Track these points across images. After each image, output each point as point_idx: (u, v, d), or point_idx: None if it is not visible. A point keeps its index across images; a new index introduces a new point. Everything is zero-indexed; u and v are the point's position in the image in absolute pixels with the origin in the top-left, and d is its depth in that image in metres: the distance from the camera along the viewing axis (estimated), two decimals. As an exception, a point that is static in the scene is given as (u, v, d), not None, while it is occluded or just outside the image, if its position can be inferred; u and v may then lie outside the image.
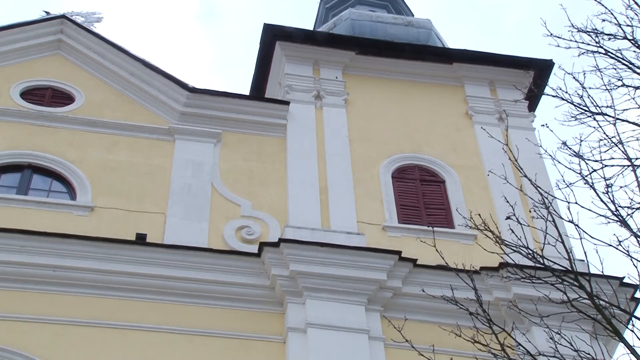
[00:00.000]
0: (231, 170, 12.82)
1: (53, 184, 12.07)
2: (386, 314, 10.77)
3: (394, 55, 15.34)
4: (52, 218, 11.32)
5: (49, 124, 12.76)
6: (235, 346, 10.40)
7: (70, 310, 10.31)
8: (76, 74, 13.85)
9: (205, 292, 10.83)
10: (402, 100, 14.88)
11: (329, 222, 12.15)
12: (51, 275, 10.49)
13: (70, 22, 14.33)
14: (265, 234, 11.81)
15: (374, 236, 12.05)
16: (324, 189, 12.69)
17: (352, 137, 13.79)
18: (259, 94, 15.80)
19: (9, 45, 13.75)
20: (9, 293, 10.31)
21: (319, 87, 14.51)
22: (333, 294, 10.88)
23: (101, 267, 10.65)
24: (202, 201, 12.12)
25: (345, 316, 10.66)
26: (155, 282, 10.73)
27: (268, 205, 12.36)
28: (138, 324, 10.36)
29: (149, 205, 11.91)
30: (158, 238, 11.39)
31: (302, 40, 15.13)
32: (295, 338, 10.44)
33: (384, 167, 13.39)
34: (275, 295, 11.01)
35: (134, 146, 12.80)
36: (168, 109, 13.42)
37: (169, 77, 13.69)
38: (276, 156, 13.21)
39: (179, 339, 10.32)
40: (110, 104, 13.47)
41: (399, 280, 11.20)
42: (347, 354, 10.27)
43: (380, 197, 12.83)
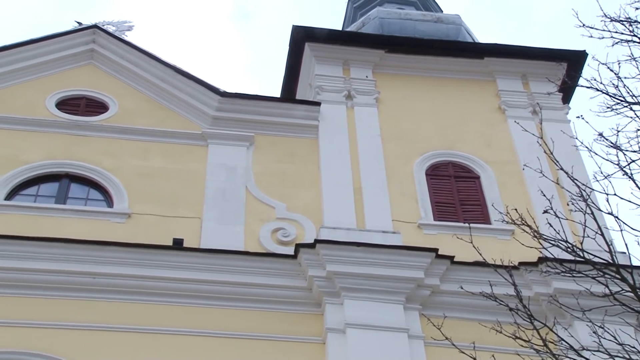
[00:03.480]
0: (264, 172, 12.86)
1: (90, 192, 12.21)
2: (425, 312, 10.73)
3: (423, 52, 15.26)
4: (90, 226, 11.45)
5: (85, 133, 12.93)
6: (274, 348, 10.42)
7: (111, 316, 10.42)
8: (109, 83, 14.02)
9: (243, 295, 10.87)
10: (433, 97, 14.80)
11: (364, 222, 12.13)
12: (91, 282, 10.61)
13: (102, 31, 14.51)
14: (301, 236, 11.82)
15: (410, 234, 12.00)
16: (358, 188, 12.67)
17: (385, 136, 13.74)
18: (290, 96, 15.84)
19: (43, 57, 13.95)
20: (51, 301, 10.44)
21: (350, 87, 14.49)
22: (371, 293, 10.85)
23: (140, 273, 10.75)
24: (236, 205, 12.17)
25: (383, 315, 10.63)
26: (193, 287, 10.79)
27: (302, 206, 12.38)
28: (177, 328, 10.42)
29: (184, 210, 11.98)
30: (195, 243, 11.46)
31: (331, 40, 15.14)
32: (334, 339, 10.43)
33: (418, 165, 13.33)
34: (312, 296, 11.02)
35: (168, 152, 12.91)
36: (200, 114, 13.51)
37: (201, 83, 13.78)
38: (309, 157, 13.22)
39: (218, 342, 10.36)
40: (143, 111, 13.60)
41: (436, 278, 11.15)
42: (387, 353, 10.23)
43: (415, 195, 12.77)
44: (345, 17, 21.12)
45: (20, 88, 13.52)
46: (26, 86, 13.58)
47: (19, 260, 10.56)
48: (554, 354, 7.32)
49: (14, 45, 13.81)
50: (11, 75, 13.57)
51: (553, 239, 7.60)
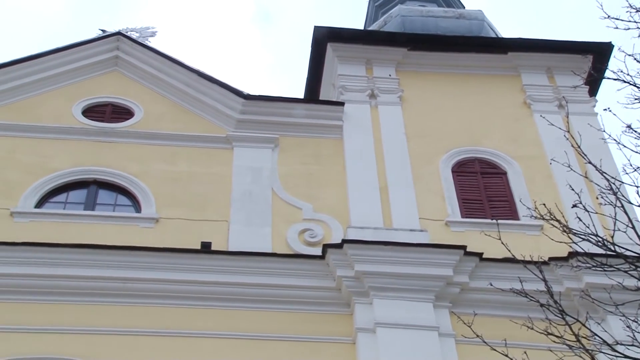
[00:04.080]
0: (290, 174, 12.87)
1: (118, 198, 12.31)
2: (455, 309, 10.66)
3: (447, 49, 15.19)
4: (119, 231, 11.54)
5: (111, 139, 13.04)
6: (304, 349, 10.43)
7: (141, 320, 10.49)
8: (134, 89, 14.12)
9: (272, 297, 10.89)
10: (457, 94, 14.72)
11: (391, 221, 12.10)
12: (121, 287, 10.69)
13: (126, 38, 14.62)
14: (328, 236, 11.82)
15: (438, 232, 11.94)
16: (384, 187, 12.64)
17: (409, 134, 13.70)
18: (313, 97, 15.85)
19: (68, 65, 14.09)
20: (82, 307, 10.53)
21: (373, 86, 14.46)
22: (400, 292, 10.82)
23: (169, 277, 10.81)
24: (263, 206, 12.20)
25: (413, 314, 10.60)
26: (222, 290, 10.83)
27: (329, 207, 12.37)
28: (208, 331, 10.46)
29: (211, 213, 12.03)
30: (222, 245, 11.50)
31: (353, 40, 15.12)
32: (364, 338, 10.41)
33: (444, 162, 13.27)
34: (341, 296, 11.00)
35: (193, 156, 12.97)
36: (225, 118, 13.56)
37: (224, 86, 13.84)
38: (334, 158, 13.21)
39: (248, 344, 10.38)
40: (168, 116, 13.68)
41: (465, 275, 11.08)
42: (418, 352, 10.19)
43: (442, 192, 12.71)
44: (367, 16, 21.09)
45: (47, 97, 13.66)
46: (52, 95, 13.72)
47: (50, 267, 10.66)
48: (587, 350, 7.25)
49: (40, 55, 13.96)
50: (38, 85, 13.72)
51: (583, 233, 7.53)
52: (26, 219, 11.54)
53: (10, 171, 12.19)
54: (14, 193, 11.83)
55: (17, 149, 12.59)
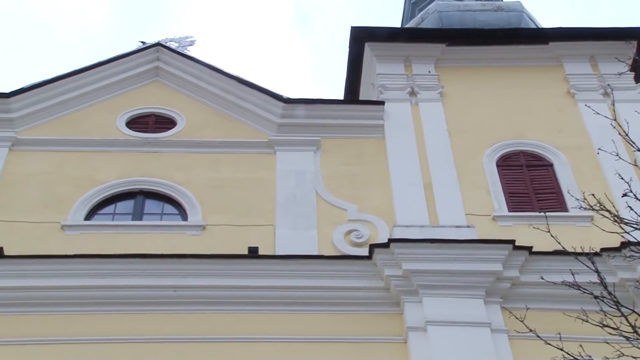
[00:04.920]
0: (333, 175, 12.87)
1: (165, 207, 12.43)
2: (506, 305, 10.54)
3: (486, 43, 15.05)
4: (167, 240, 11.66)
5: (155, 149, 13.19)
6: (356, 350, 10.40)
7: (193, 327, 10.56)
8: (175, 98, 14.26)
9: (321, 299, 10.89)
10: (499, 87, 14.58)
11: (437, 218, 12.02)
12: (172, 295, 10.80)
13: (165, 48, 14.79)
14: (375, 236, 11.78)
15: (485, 227, 11.83)
16: (428, 184, 12.57)
17: (452, 130, 13.60)
18: (353, 97, 15.84)
19: (111, 78, 14.29)
20: (134, 316, 10.65)
21: (413, 84, 14.40)
22: (449, 289, 10.74)
23: (219, 283, 10.88)
24: (308, 209, 12.22)
25: (464, 311, 10.50)
26: (271, 294, 10.87)
27: (374, 206, 12.34)
28: (259, 335, 10.50)
29: (257, 218, 12.09)
30: (269, 250, 11.54)
31: (390, 38, 15.08)
32: (416, 337, 10.35)
33: (488, 157, 13.15)
34: (391, 296, 10.96)
35: (237, 162, 13.05)
36: (266, 122, 13.62)
37: (264, 91, 13.90)
38: (376, 157, 13.18)
39: (299, 347, 10.41)
40: (210, 123, 13.79)
41: (515, 269, 10.95)
42: (471, 349, 10.10)
43: (487, 187, 12.59)
44: (404, 14, 21.01)
45: (92, 110, 13.87)
46: (97, 108, 13.92)
47: (101, 278, 10.81)
48: (645, 341, 7.11)
49: (83, 70, 14.18)
50: (82, 99, 13.94)
51: (635, 222, 7.39)
52: (76, 231, 11.74)
53: (59, 185, 12.40)
54: (63, 206, 12.04)
55: (66, 163, 12.81)
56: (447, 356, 10.05)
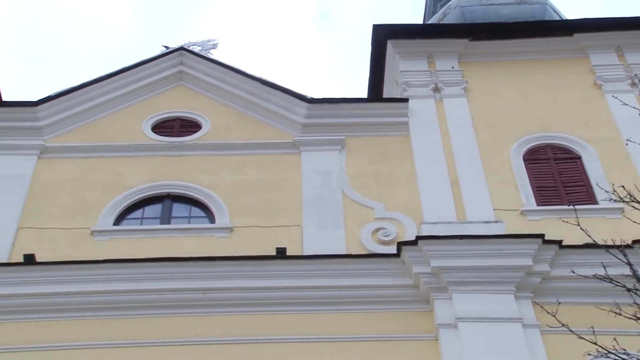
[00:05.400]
0: (359, 174, 12.85)
1: (192, 210, 12.49)
2: (537, 299, 10.45)
3: (509, 36, 14.95)
4: (195, 243, 11.72)
5: (181, 153, 13.26)
6: (387, 348, 10.37)
7: (223, 329, 10.60)
8: (200, 102, 14.32)
9: (350, 298, 10.88)
10: (524, 81, 14.47)
11: (464, 214, 11.96)
12: (202, 298, 10.84)
13: (189, 52, 14.85)
14: (402, 234, 11.75)
15: (513, 222, 11.74)
16: (455, 181, 12.51)
17: (477, 125, 13.53)
18: (377, 95, 15.80)
19: (136, 84, 14.38)
20: (165, 319, 10.70)
21: (436, 80, 14.34)
22: (479, 285, 10.67)
23: (248, 284, 10.91)
24: (335, 209, 12.22)
25: (495, 306, 10.43)
26: (300, 294, 10.88)
27: (401, 204, 12.30)
28: (289, 336, 10.52)
29: (284, 219, 12.11)
30: (297, 250, 11.55)
31: (413, 35, 15.03)
32: (447, 334, 10.30)
33: (514, 151, 13.06)
34: (420, 293, 10.92)
35: (262, 163, 13.08)
36: (290, 123, 13.64)
37: (287, 92, 13.92)
38: (402, 155, 13.14)
39: (330, 347, 10.41)
40: (235, 125, 13.83)
41: (546, 264, 10.86)
42: (503, 344, 10.01)
43: (515, 181, 12.50)
44: (425, 10, 20.90)
45: (117, 116, 13.97)
46: (122, 113, 14.02)
47: (131, 283, 10.88)
48: (680, 333, 7.00)
49: (108, 76, 14.27)
50: (108, 105, 14.05)
51: (667, 213, 7.29)
52: (106, 236, 11.84)
53: (88, 191, 12.51)
54: (93, 212, 12.14)
55: (94, 169, 12.91)
56: (479, 352, 9.98)
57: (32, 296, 10.73)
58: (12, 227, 11.84)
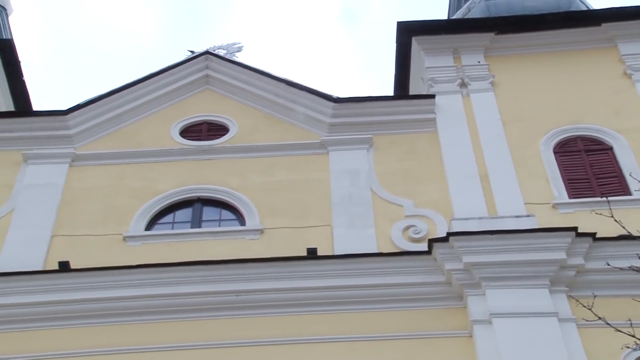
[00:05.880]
0: (387, 172, 12.82)
1: (222, 213, 12.54)
2: (572, 293, 10.36)
3: (536, 29, 14.80)
4: (226, 245, 11.75)
5: (210, 156, 13.32)
6: (421, 346, 10.33)
7: (256, 331, 10.62)
8: (226, 105, 14.38)
9: (383, 297, 10.85)
10: (551, 73, 14.33)
11: (495, 209, 11.87)
12: (235, 300, 10.88)
13: (214, 56, 14.93)
14: (433, 231, 11.69)
15: (545, 215, 11.63)
16: (485, 176, 12.42)
17: (505, 119, 13.42)
18: (403, 92, 15.74)
19: (163, 89, 14.48)
20: (198, 322, 10.76)
21: (463, 75, 14.26)
22: (513, 280, 10.58)
23: (280, 286, 10.92)
24: (364, 208, 12.19)
25: (529, 301, 10.34)
26: (333, 294, 10.87)
27: (430, 201, 12.24)
28: (323, 336, 10.51)
29: (314, 219, 12.12)
30: (328, 250, 11.55)
31: (437, 31, 14.94)
32: (481, 330, 10.23)
33: (544, 144, 12.94)
34: (453, 290, 10.86)
35: (290, 164, 13.11)
36: (317, 123, 13.65)
37: (313, 92, 13.94)
38: (430, 151, 13.08)
39: (364, 346, 10.39)
40: (262, 128, 13.87)
41: (580, 257, 10.73)
42: (538, 339, 9.92)
43: (545, 174, 12.38)
44: (450, 5, 20.76)
45: (146, 122, 14.08)
46: (150, 119, 14.12)
47: (164, 287, 10.95)
48: None
49: (136, 82, 14.39)
50: (136, 111, 14.16)
51: (703, 202, 7.16)
52: (138, 242, 11.93)
53: (119, 197, 12.62)
54: (124, 218, 12.24)
55: (124, 175, 13.02)
56: (514, 348, 9.90)
57: (67, 303, 10.85)
58: (47, 235, 11.99)
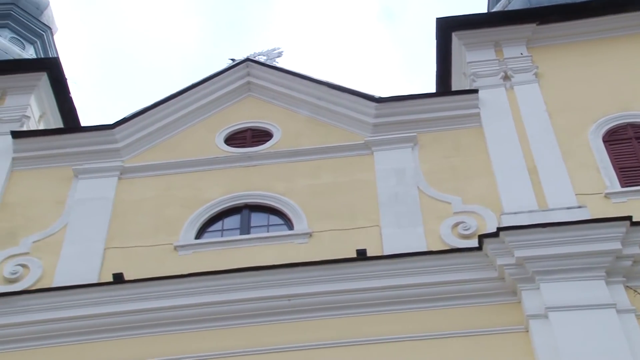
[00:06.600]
0: (433, 170, 12.73)
1: (270, 218, 12.58)
2: (630, 283, 10.19)
3: (579, 17, 14.59)
4: (276, 250, 11.79)
5: (255, 162, 13.38)
6: (477, 343, 10.21)
7: (309, 334, 10.61)
8: (269, 111, 14.45)
9: (435, 295, 10.77)
10: (596, 61, 14.11)
11: (545, 202, 11.70)
12: (286, 304, 10.89)
13: (255, 63, 15.03)
14: (482, 226, 11.56)
15: (598, 206, 11.42)
16: (533, 168, 12.25)
17: (551, 110, 13.23)
18: (445, 89, 15.63)
19: (206, 98, 14.61)
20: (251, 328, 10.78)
21: (505, 68, 14.12)
22: (567, 273, 10.40)
23: (332, 288, 10.89)
24: (412, 206, 12.13)
25: (585, 294, 10.14)
26: (385, 294, 10.81)
27: (478, 197, 12.12)
28: (377, 337, 10.45)
29: (362, 220, 12.08)
30: (377, 251, 11.50)
31: (478, 25, 14.81)
32: (538, 325, 10.06)
33: (593, 133, 12.71)
34: (506, 285, 10.72)
35: (335, 167, 13.10)
36: (360, 124, 13.62)
37: (355, 93, 13.93)
38: (476, 146, 12.96)
39: (419, 345, 10.31)
40: (305, 131, 13.89)
41: (635, 246, 10.51)
42: (597, 332, 9.73)
43: (595, 164, 12.17)
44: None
45: (191, 131, 14.21)
46: (195, 129, 14.25)
47: (216, 294, 11.00)
48: None
49: (179, 93, 14.52)
50: (181, 121, 14.30)
51: None
52: (189, 251, 12.03)
53: (168, 207, 12.74)
54: (174, 228, 12.35)
55: (172, 185, 13.15)
56: (573, 342, 9.72)
57: (122, 314, 10.98)
58: (100, 248, 12.16)
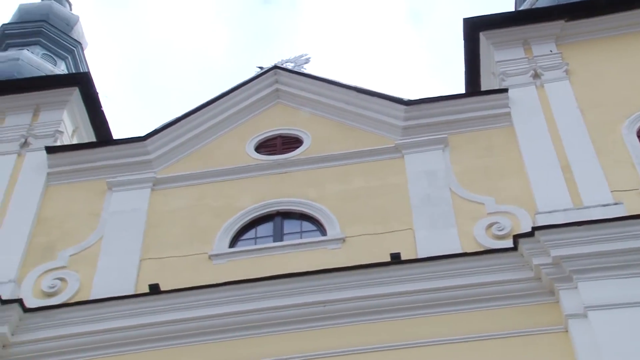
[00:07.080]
0: (465, 171, 12.65)
1: (303, 224, 12.59)
2: (670, 280, 10.00)
3: (608, 12, 14.42)
4: (309, 257, 11.78)
5: (286, 169, 13.41)
6: (516, 344, 10.10)
7: (345, 340, 10.56)
8: (298, 117, 14.49)
9: (471, 297, 10.68)
10: (628, 55, 13.93)
11: (580, 199, 11.55)
12: (322, 311, 10.86)
13: (282, 70, 15.09)
14: (517, 226, 11.45)
15: (634, 202, 11.24)
16: (566, 166, 12.12)
17: (583, 107, 13.08)
18: (475, 89, 15.53)
19: (235, 107, 14.68)
20: (287, 335, 10.76)
21: (535, 66, 14.00)
22: (605, 271, 10.25)
23: (367, 293, 10.84)
24: (444, 208, 12.06)
25: (625, 291, 9.98)
26: (420, 297, 10.75)
27: (512, 196, 12.01)
28: (412, 341, 10.39)
29: (395, 224, 12.04)
30: (412, 254, 11.44)
31: (505, 24, 14.73)
32: (577, 325, 9.93)
33: (626, 128, 12.54)
34: (543, 285, 10.60)
35: (366, 171, 13.08)
36: (390, 127, 13.59)
37: (384, 97, 13.91)
38: (507, 146, 12.85)
39: (458, 347, 10.23)
40: (335, 137, 13.89)
41: (675, 241, 10.36)
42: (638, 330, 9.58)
43: (630, 160, 12.00)
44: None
45: (221, 140, 14.28)
46: (225, 137, 14.32)
47: (251, 302, 11.00)
48: None
49: (209, 103, 14.61)
50: (211, 131, 14.38)
51: None
52: (223, 259, 12.06)
53: (202, 217, 12.81)
54: (208, 237, 12.40)
55: (204, 194, 13.22)
56: (614, 341, 9.57)
57: (159, 324, 11.03)
58: (135, 259, 12.25)
